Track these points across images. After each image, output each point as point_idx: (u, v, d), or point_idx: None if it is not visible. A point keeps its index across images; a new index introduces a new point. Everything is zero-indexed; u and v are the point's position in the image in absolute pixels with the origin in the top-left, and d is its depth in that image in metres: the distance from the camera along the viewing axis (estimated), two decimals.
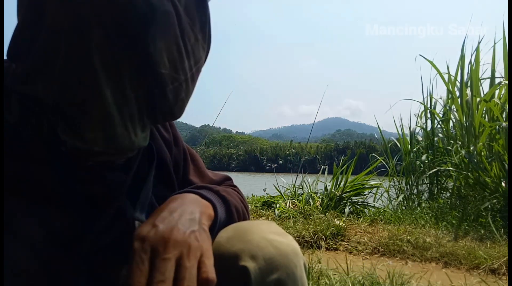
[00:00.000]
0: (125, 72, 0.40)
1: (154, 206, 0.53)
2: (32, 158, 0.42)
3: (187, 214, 0.46)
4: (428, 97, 4.04)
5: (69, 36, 0.37)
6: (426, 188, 3.78)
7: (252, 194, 4.02)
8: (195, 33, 0.46)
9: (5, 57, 0.46)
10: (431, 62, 3.79)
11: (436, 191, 3.69)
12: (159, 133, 0.60)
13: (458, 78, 3.62)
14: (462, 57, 3.60)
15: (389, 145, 4.34)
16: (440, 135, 3.90)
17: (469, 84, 3.49)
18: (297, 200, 3.36)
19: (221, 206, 0.54)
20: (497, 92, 3.39)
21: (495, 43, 3.45)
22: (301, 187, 3.78)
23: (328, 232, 2.40)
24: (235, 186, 0.69)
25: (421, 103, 4.12)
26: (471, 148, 3.13)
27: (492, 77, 3.44)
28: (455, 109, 3.62)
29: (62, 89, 0.39)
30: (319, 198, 3.44)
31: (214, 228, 0.51)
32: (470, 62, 3.51)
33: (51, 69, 0.38)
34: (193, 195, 0.51)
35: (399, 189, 3.96)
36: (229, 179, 0.71)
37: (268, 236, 0.50)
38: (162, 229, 0.42)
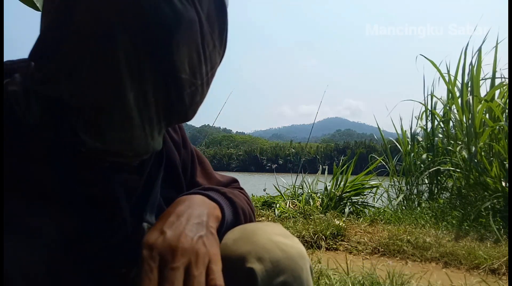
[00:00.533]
0: (148, 77, 0.40)
1: (162, 208, 0.53)
2: (48, 159, 0.42)
3: (195, 217, 0.46)
4: (429, 98, 4.04)
5: (95, 41, 0.38)
6: (426, 188, 3.78)
7: (252, 194, 4.02)
8: (213, 40, 0.47)
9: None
10: (432, 62, 3.79)
11: (436, 191, 3.70)
12: (169, 135, 0.60)
13: (459, 78, 3.63)
14: (465, 57, 3.60)
15: (389, 145, 4.34)
16: (440, 135, 3.90)
17: (469, 85, 3.50)
18: (297, 200, 3.36)
19: (228, 208, 0.54)
20: (498, 92, 3.39)
21: (497, 43, 3.45)
22: (301, 187, 3.78)
23: (328, 232, 2.40)
24: (242, 189, 0.69)
25: (421, 103, 4.13)
26: (472, 148, 3.13)
27: (493, 77, 3.44)
28: (455, 109, 3.63)
29: (86, 91, 0.39)
30: (319, 198, 3.44)
31: (221, 229, 0.51)
32: (471, 62, 3.52)
33: (77, 71, 0.39)
34: (200, 196, 0.52)
35: (399, 189, 3.96)
36: (236, 181, 0.71)
37: (275, 238, 0.50)
38: (170, 236, 0.42)
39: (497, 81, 3.43)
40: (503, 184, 2.81)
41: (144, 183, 0.51)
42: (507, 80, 3.34)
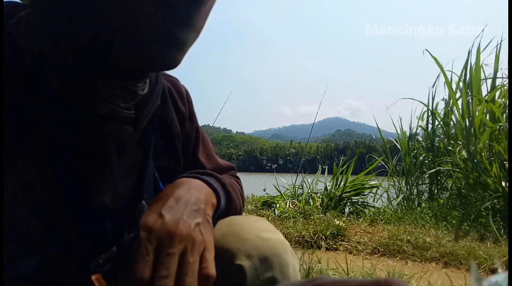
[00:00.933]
0: None
1: (155, 178, 0.53)
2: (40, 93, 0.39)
3: (193, 203, 0.47)
4: (430, 97, 4.04)
5: None
6: (426, 188, 3.78)
7: (252, 194, 4.02)
8: None
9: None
10: (436, 59, 3.77)
11: (436, 191, 3.70)
12: (175, 105, 0.59)
13: (462, 79, 3.63)
14: (467, 58, 3.60)
15: (389, 145, 4.34)
16: (441, 135, 3.90)
17: (470, 86, 3.50)
18: (297, 200, 3.36)
19: (224, 199, 0.55)
20: (499, 92, 3.39)
21: (499, 43, 3.45)
22: (301, 187, 3.78)
23: (328, 232, 2.40)
24: (238, 178, 0.69)
25: (422, 103, 4.12)
26: (472, 149, 3.14)
27: (494, 77, 3.44)
28: (456, 110, 3.63)
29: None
30: (319, 198, 3.44)
31: (214, 216, 0.52)
32: (470, 63, 3.52)
33: None
34: (199, 181, 0.52)
35: (399, 189, 3.96)
36: (234, 168, 0.71)
37: (263, 234, 0.52)
38: (169, 221, 0.43)
39: (499, 81, 3.43)
40: (503, 184, 2.81)
41: (137, 148, 0.49)
42: (507, 80, 3.35)
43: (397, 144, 4.28)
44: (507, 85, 3.28)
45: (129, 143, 0.47)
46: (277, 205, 3.22)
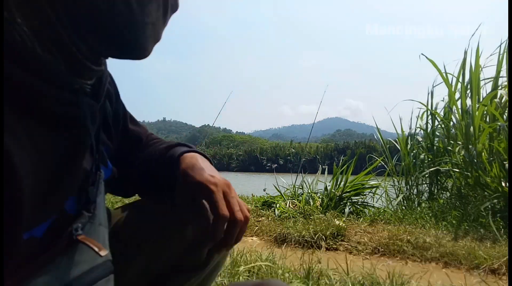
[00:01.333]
0: None
1: (103, 153, 0.58)
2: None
3: (213, 170, 0.63)
4: (430, 98, 4.04)
5: None
6: (426, 188, 3.78)
7: (252, 194, 4.02)
8: None
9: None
10: (433, 62, 3.78)
11: (436, 191, 3.70)
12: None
13: (460, 80, 3.63)
14: (464, 58, 3.60)
15: (388, 145, 4.34)
16: (441, 135, 3.90)
17: (469, 86, 3.50)
18: (297, 200, 3.37)
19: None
20: (501, 92, 3.39)
21: (504, 43, 3.45)
22: (301, 187, 3.78)
23: (328, 232, 2.40)
24: None
25: (421, 103, 4.12)
26: (471, 149, 3.13)
27: (497, 77, 3.44)
28: (456, 110, 3.63)
29: None
30: (319, 198, 3.44)
31: None
32: (470, 64, 3.52)
33: None
34: (199, 155, 0.67)
35: (398, 189, 3.96)
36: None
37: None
38: (221, 178, 0.60)
39: (500, 81, 3.43)
40: (503, 184, 2.81)
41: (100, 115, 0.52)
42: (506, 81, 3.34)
43: (396, 145, 4.28)
44: (506, 86, 3.28)
45: (95, 116, 0.50)
46: (277, 205, 3.22)
